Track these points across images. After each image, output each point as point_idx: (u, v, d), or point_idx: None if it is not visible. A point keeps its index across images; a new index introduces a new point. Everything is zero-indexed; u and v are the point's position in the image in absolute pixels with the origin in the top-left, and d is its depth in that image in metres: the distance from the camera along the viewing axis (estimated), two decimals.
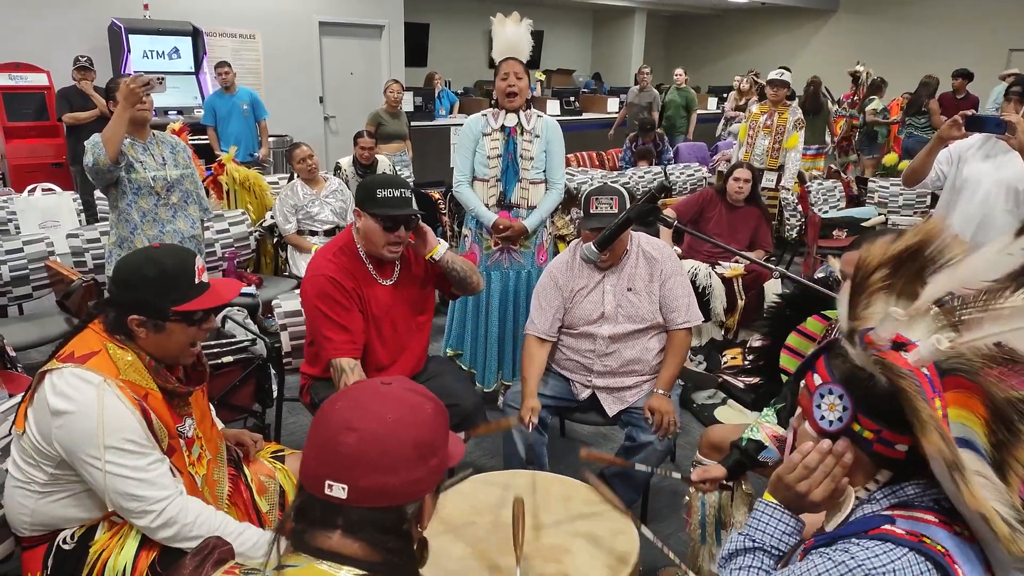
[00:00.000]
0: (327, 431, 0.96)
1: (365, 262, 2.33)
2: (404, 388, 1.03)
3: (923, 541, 0.94)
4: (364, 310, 2.32)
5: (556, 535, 1.65)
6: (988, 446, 0.99)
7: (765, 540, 1.13)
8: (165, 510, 1.53)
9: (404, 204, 2.23)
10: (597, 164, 7.75)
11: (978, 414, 1.00)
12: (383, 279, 2.37)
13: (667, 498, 2.86)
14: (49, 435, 1.50)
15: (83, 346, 1.56)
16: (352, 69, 9.19)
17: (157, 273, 1.56)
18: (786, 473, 1.10)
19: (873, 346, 1.01)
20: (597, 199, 2.43)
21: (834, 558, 0.96)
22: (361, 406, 0.97)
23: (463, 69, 12.52)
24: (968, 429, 1.00)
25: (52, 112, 6.50)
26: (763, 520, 1.14)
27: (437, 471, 1.00)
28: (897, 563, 0.92)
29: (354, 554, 0.94)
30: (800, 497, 1.08)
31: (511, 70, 3.09)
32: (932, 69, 8.38)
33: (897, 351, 1.00)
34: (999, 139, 2.75)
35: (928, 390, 0.97)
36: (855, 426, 1.02)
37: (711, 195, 4.37)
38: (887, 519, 0.98)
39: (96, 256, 3.68)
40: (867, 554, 0.93)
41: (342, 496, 0.93)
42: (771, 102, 5.34)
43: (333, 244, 2.39)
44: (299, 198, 4.35)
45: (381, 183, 2.24)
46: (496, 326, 3.31)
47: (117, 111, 2.85)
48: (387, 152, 6.01)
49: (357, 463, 0.93)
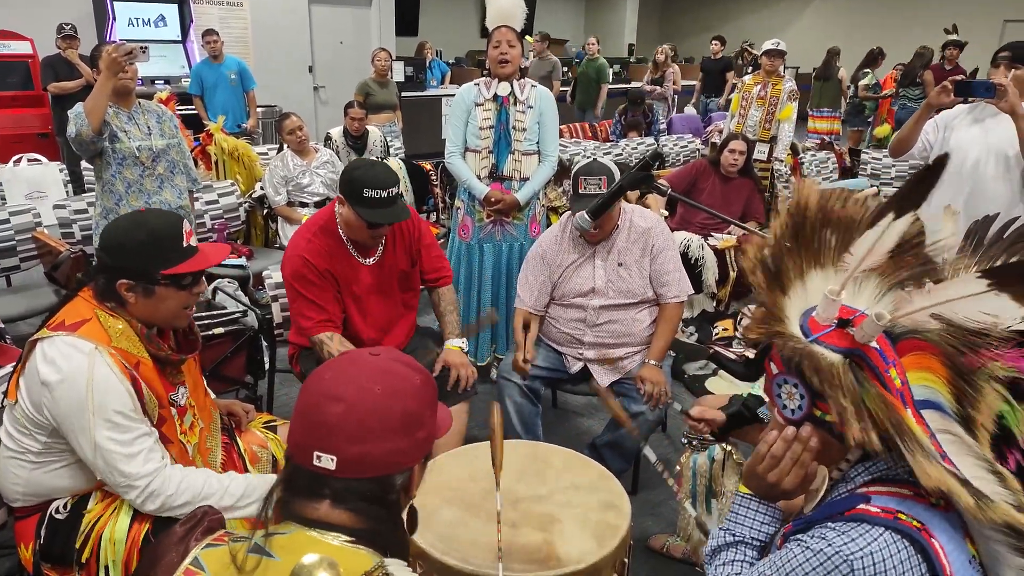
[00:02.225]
0: (314, 402, 0.96)
1: (345, 243, 2.31)
2: (392, 359, 1.02)
3: (898, 517, 0.94)
4: (341, 291, 2.31)
5: (548, 504, 1.66)
6: (954, 403, 0.99)
7: (745, 533, 1.13)
8: (149, 485, 1.53)
9: (390, 205, 2.16)
10: (590, 135, 7.69)
11: (938, 373, 1.00)
12: (364, 258, 2.35)
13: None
14: (40, 404, 1.49)
15: (74, 314, 1.54)
16: (342, 38, 9.06)
17: (145, 237, 1.55)
18: (756, 464, 1.10)
19: (817, 329, 1.00)
20: (585, 179, 2.39)
21: (812, 546, 0.95)
22: (349, 377, 0.97)
23: (454, 39, 12.37)
24: (932, 390, 1.00)
25: (37, 81, 6.39)
26: (741, 513, 1.15)
27: (425, 442, 1.00)
28: (874, 544, 0.92)
29: (342, 523, 0.94)
30: (772, 486, 1.09)
31: (503, 38, 3.05)
32: (925, 40, 8.34)
33: (843, 328, 1.00)
34: (988, 103, 2.74)
35: (880, 363, 0.97)
36: (816, 411, 1.02)
37: (704, 166, 4.35)
38: (862, 498, 0.98)
39: (84, 227, 3.65)
40: (843, 539, 0.93)
41: (330, 467, 0.93)
42: (765, 72, 5.30)
43: (314, 221, 2.34)
44: (289, 169, 4.31)
45: (370, 181, 2.12)
46: (489, 299, 3.30)
47: (99, 81, 2.80)
48: (377, 123, 5.94)
49: (345, 434, 0.93)
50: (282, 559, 0.89)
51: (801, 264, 1.08)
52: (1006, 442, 1.42)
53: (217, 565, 0.92)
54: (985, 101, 2.75)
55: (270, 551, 0.90)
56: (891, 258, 1.04)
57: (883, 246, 1.02)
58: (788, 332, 1.02)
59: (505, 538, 1.35)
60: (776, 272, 1.08)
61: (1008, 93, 2.59)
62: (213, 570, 0.92)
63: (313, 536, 0.92)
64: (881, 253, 1.02)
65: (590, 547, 1.51)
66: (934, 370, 1.00)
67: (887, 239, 1.01)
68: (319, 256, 2.25)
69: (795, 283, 1.07)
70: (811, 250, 1.08)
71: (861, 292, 1.06)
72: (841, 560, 0.92)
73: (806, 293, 1.07)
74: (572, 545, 1.51)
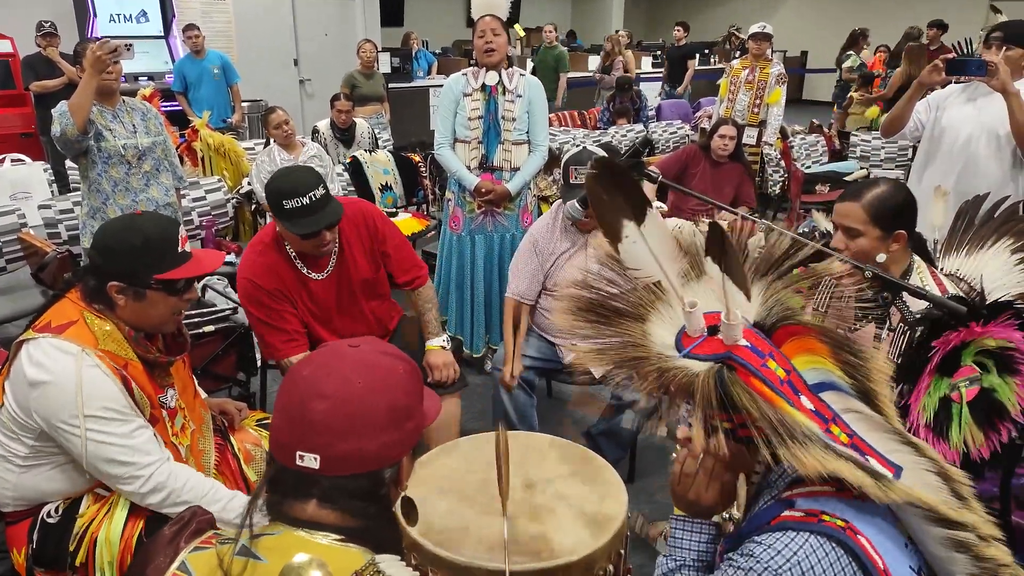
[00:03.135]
0: (295, 399, 0.93)
1: (293, 259, 2.18)
2: (374, 350, 0.99)
3: (822, 519, 0.92)
4: (297, 307, 2.21)
5: (543, 496, 1.65)
6: (846, 379, 0.98)
7: (686, 556, 1.12)
8: (153, 475, 1.52)
9: (317, 211, 1.98)
10: (579, 123, 7.67)
11: (821, 352, 0.99)
12: (315, 272, 2.21)
13: (654, 455, 2.89)
14: (27, 406, 1.47)
15: (60, 316, 1.52)
16: (327, 30, 8.98)
17: (140, 240, 1.53)
18: (675, 485, 1.09)
19: (689, 342, 0.99)
20: (576, 169, 2.38)
21: (742, 565, 0.93)
22: (330, 372, 0.93)
23: (440, 29, 12.30)
24: (822, 371, 0.98)
25: (18, 80, 6.30)
26: (678, 536, 1.13)
27: (413, 433, 0.98)
28: (800, 553, 0.90)
29: (331, 521, 0.92)
30: (694, 503, 1.07)
31: (488, 27, 3.02)
32: (911, 20, 8.34)
33: (714, 335, 0.98)
34: (980, 82, 2.74)
35: (754, 359, 0.94)
36: (712, 422, 0.98)
37: (695, 152, 4.34)
38: (786, 504, 0.96)
39: (70, 227, 3.61)
40: (769, 553, 0.91)
41: (314, 466, 0.90)
42: (753, 56, 5.29)
43: (260, 238, 2.21)
44: (276, 164, 4.27)
45: (286, 192, 1.96)
46: (482, 291, 3.29)
47: (84, 79, 2.77)
48: (364, 115, 5.90)
49: (328, 432, 0.90)
50: (270, 561, 0.87)
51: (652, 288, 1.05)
52: (998, 414, 1.42)
53: (204, 569, 0.91)
54: (977, 79, 2.74)
55: (257, 553, 0.88)
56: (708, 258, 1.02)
57: (664, 249, 1.03)
58: (651, 355, 1.00)
59: (500, 529, 1.34)
60: (621, 308, 1.05)
61: (1000, 71, 2.59)
62: (200, 574, 0.90)
63: (302, 536, 0.90)
64: (673, 256, 1.03)
65: (584, 538, 1.50)
66: (816, 351, 0.99)
67: (660, 242, 1.02)
68: (266, 275, 2.14)
69: (654, 306, 1.05)
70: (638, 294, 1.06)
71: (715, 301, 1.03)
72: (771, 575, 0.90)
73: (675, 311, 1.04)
74: (566, 536, 1.51)
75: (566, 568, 1.43)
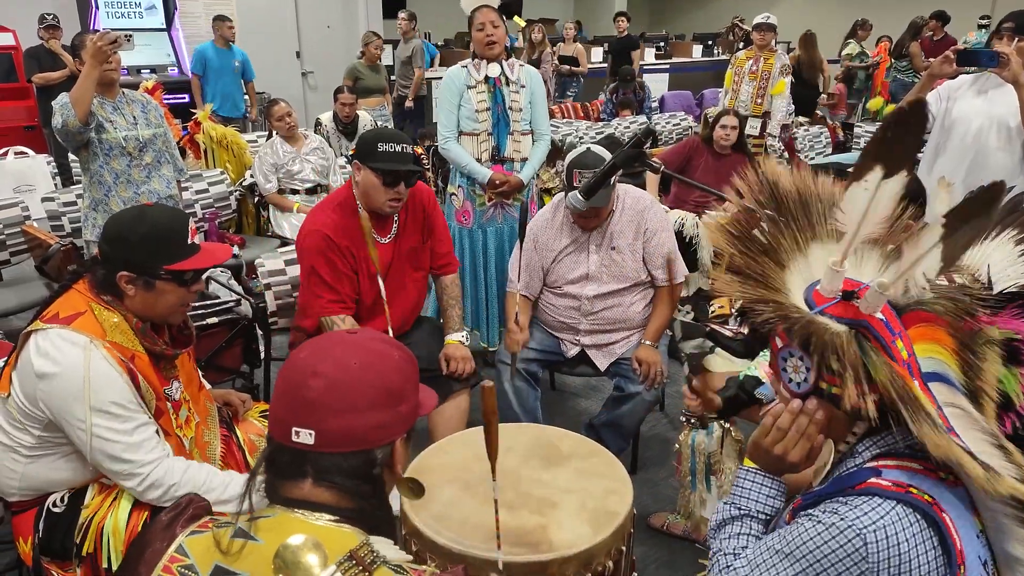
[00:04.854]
0: (293, 378, 0.96)
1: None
2: (370, 337, 1.03)
3: (910, 491, 0.93)
4: (358, 269, 2.29)
5: (549, 488, 1.65)
6: (961, 376, 0.98)
7: (751, 506, 1.13)
8: (151, 473, 1.53)
9: (405, 159, 2.18)
10: (582, 115, 7.65)
11: (946, 345, 0.99)
12: (381, 236, 2.33)
13: (658, 445, 2.89)
14: (34, 397, 1.48)
15: (68, 307, 1.53)
16: (329, 22, 8.96)
17: (151, 230, 1.54)
18: (761, 437, 1.09)
19: (821, 301, 0.99)
20: (580, 172, 2.35)
21: (824, 520, 0.95)
22: (326, 353, 0.97)
23: (442, 21, 12.23)
24: (939, 362, 0.99)
25: (21, 73, 6.30)
26: (746, 487, 1.14)
27: (407, 417, 1.00)
28: (886, 518, 0.91)
29: (326, 501, 0.94)
30: (778, 460, 1.08)
31: (486, 19, 3.00)
32: (913, 11, 8.29)
33: (848, 300, 0.98)
34: (992, 73, 2.72)
35: (886, 334, 0.95)
36: (822, 384, 1.00)
37: (697, 143, 4.32)
38: (873, 472, 0.97)
39: (73, 220, 3.61)
40: (856, 513, 0.93)
41: (309, 442, 0.93)
42: (757, 47, 5.26)
43: (332, 198, 2.35)
44: (279, 156, 4.26)
45: (384, 136, 2.19)
46: (495, 282, 3.26)
47: (84, 70, 2.76)
48: (367, 107, 5.89)
49: (323, 407, 0.93)
50: (266, 542, 0.89)
51: (797, 236, 1.06)
52: (1003, 406, 1.42)
53: (201, 550, 0.92)
54: (988, 71, 2.73)
55: (254, 535, 0.90)
56: (892, 225, 1.00)
57: (879, 210, 0.98)
58: (788, 304, 1.01)
59: (500, 519, 1.35)
60: (769, 246, 1.06)
61: (1011, 63, 2.57)
62: (197, 556, 0.92)
63: (297, 517, 0.92)
64: (879, 219, 0.99)
65: (584, 533, 1.49)
66: (941, 342, 0.99)
67: (882, 203, 0.97)
68: (340, 232, 2.24)
69: (794, 256, 1.05)
70: (803, 223, 1.06)
71: (865, 263, 1.03)
72: (854, 534, 0.92)
73: (808, 266, 1.05)
74: (566, 530, 1.50)
75: (562, 562, 1.43)
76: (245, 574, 0.88)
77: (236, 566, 0.89)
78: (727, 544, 1.12)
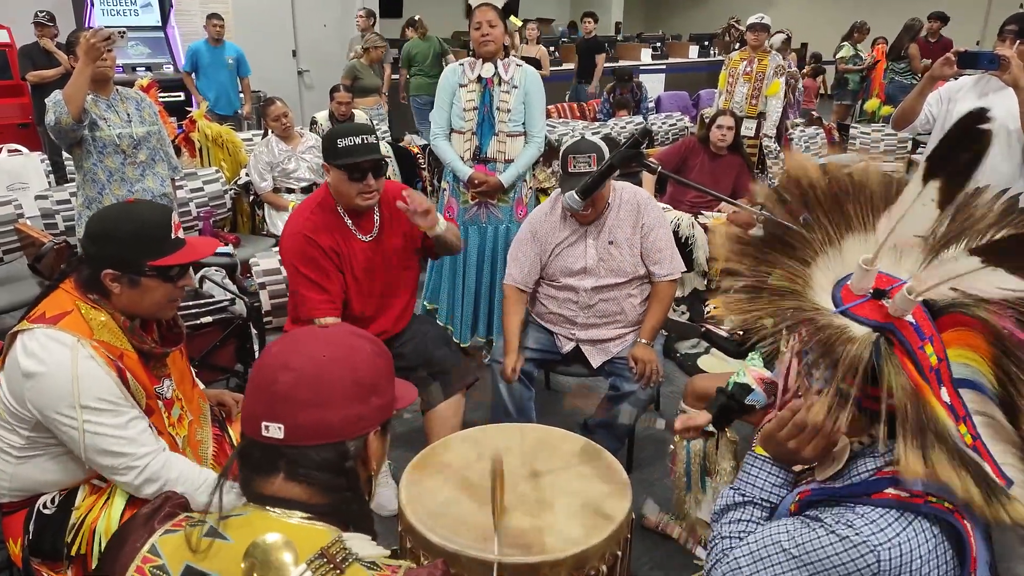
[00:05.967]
0: (263, 373, 0.96)
1: (343, 217, 2.28)
2: (344, 331, 1.03)
3: (928, 501, 0.91)
4: (343, 268, 2.28)
5: (547, 491, 1.64)
6: (996, 386, 0.95)
7: (756, 494, 1.12)
8: (148, 466, 1.52)
9: (367, 151, 2.17)
10: (578, 115, 7.65)
11: (982, 352, 0.95)
12: (363, 234, 2.32)
13: (652, 446, 2.89)
14: (22, 397, 1.47)
15: (55, 306, 1.52)
16: (325, 21, 8.94)
17: (133, 227, 1.52)
18: (777, 429, 1.07)
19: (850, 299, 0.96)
20: (575, 158, 2.36)
21: (837, 531, 0.93)
22: (298, 348, 0.97)
23: (439, 20, 12.22)
24: (972, 369, 0.95)
25: (15, 70, 6.28)
26: (753, 473, 1.13)
27: (381, 410, 0.99)
28: (902, 535, 0.90)
29: (298, 497, 0.93)
30: (792, 453, 1.06)
31: (484, 18, 3.00)
32: (911, 13, 8.30)
33: (878, 299, 0.95)
34: (992, 75, 2.71)
35: (914, 338, 0.92)
36: (841, 385, 0.97)
37: (693, 144, 4.32)
38: (891, 481, 0.95)
39: (67, 218, 3.60)
40: (872, 528, 0.91)
41: (279, 436, 0.92)
42: (751, 48, 5.26)
43: (311, 200, 2.34)
44: (274, 155, 4.25)
45: (342, 132, 2.18)
46: (473, 281, 3.27)
47: (78, 67, 2.75)
48: (363, 106, 5.88)
49: (292, 401, 0.92)
50: (236, 541, 0.89)
51: (829, 230, 1.01)
52: None
53: (171, 550, 0.92)
54: (989, 73, 2.71)
55: (224, 534, 0.90)
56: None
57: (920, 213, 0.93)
58: (809, 303, 0.97)
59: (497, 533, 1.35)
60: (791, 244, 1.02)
61: (1012, 65, 2.57)
62: (168, 556, 0.92)
63: (269, 515, 0.91)
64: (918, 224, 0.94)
65: (577, 536, 1.49)
66: (978, 348, 0.95)
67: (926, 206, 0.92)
68: (320, 232, 2.23)
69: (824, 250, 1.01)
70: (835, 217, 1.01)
71: (905, 258, 0.98)
72: (868, 549, 0.90)
73: (842, 259, 1.00)
74: (560, 533, 1.50)
75: (555, 564, 1.43)
76: (215, 574, 0.88)
77: (205, 565, 0.89)
78: (728, 529, 1.11)
